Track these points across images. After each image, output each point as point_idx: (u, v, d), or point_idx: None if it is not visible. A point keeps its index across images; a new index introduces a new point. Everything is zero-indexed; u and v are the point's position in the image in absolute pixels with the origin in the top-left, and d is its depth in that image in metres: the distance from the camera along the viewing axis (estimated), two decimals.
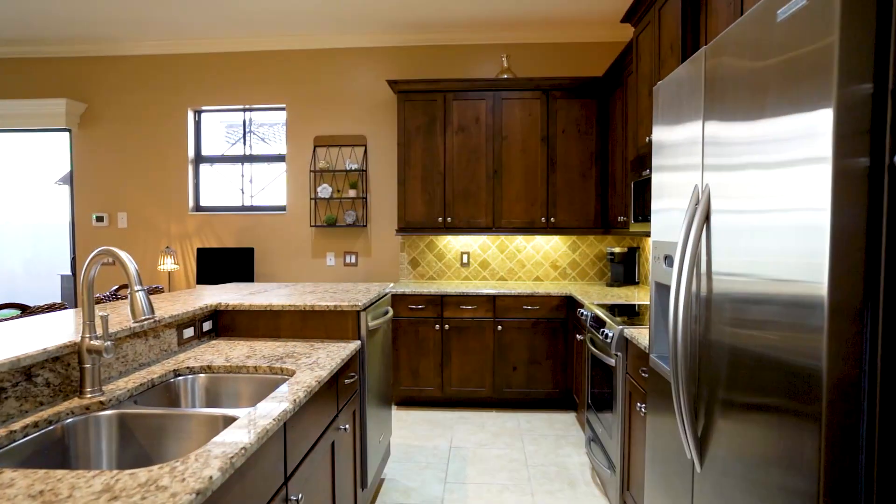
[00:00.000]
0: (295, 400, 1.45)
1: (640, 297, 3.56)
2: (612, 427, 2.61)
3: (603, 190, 4.22)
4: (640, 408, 2.18)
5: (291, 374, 1.77)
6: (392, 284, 3.52)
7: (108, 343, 1.47)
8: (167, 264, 4.61)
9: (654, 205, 1.75)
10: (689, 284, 1.37)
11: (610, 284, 4.23)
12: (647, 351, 2.07)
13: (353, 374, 2.14)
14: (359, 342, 2.20)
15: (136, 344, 1.78)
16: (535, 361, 3.99)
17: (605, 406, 2.74)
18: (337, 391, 1.93)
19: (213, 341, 2.19)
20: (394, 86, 4.24)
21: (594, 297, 3.56)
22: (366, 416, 2.33)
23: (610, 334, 2.52)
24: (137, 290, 1.42)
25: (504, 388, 4.00)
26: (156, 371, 1.76)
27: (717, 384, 1.28)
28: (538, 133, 4.22)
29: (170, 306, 2.14)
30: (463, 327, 4.00)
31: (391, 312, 2.74)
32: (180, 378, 1.79)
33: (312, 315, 2.25)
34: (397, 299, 4.02)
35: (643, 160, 2.92)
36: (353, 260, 4.74)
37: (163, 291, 3.13)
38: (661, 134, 1.71)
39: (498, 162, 4.25)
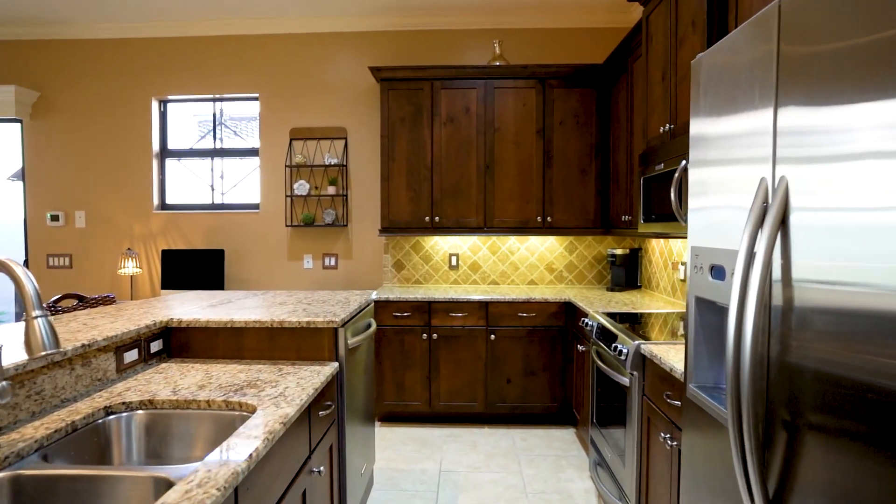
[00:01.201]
0: (252, 454, 1.11)
1: (646, 303, 3.27)
2: (623, 452, 2.32)
3: (604, 187, 3.93)
4: (665, 439, 1.88)
5: (252, 410, 1.43)
6: (375, 293, 3.19)
7: (3, 384, 1.12)
8: (129, 268, 4.20)
9: (693, 203, 1.45)
10: (762, 301, 1.06)
11: (611, 289, 3.94)
12: (670, 372, 1.78)
13: (329, 402, 1.80)
14: (336, 364, 1.86)
15: (56, 376, 1.42)
16: (531, 373, 3.68)
17: (613, 426, 2.44)
18: (309, 426, 1.60)
19: (164, 364, 1.83)
20: (377, 73, 3.90)
21: (596, 303, 3.27)
22: (345, 452, 2.00)
23: (624, 351, 2.22)
24: (36, 317, 1.07)
25: (497, 402, 3.69)
26: (81, 409, 1.40)
27: (799, 419, 0.97)
28: (533, 125, 3.92)
29: (109, 324, 1.78)
30: (452, 336, 3.68)
31: (374, 326, 2.40)
32: (113, 417, 1.44)
33: (282, 333, 1.91)
34: (381, 306, 3.69)
35: (655, 153, 2.62)
36: (333, 262, 4.39)
37: (114, 301, 2.75)
38: (704, 125, 1.40)
39: (490, 156, 3.93)
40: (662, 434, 1.90)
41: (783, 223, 1.04)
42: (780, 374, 1.05)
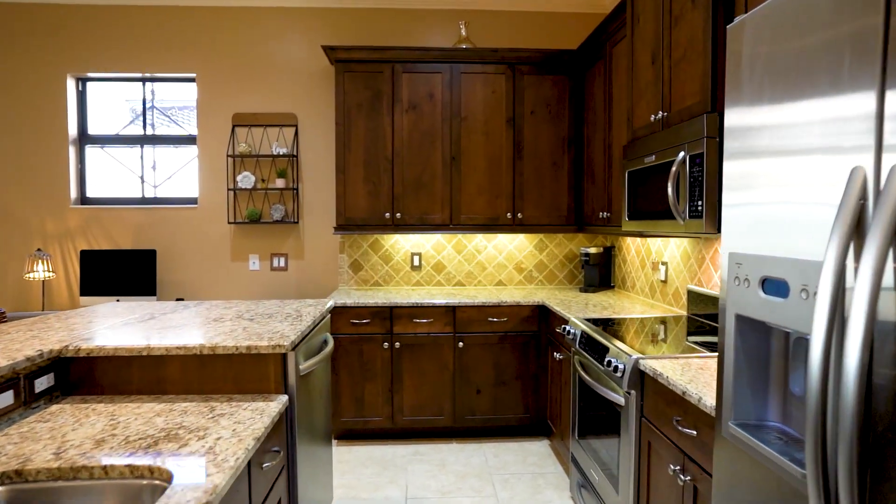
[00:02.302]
0: None
1: (625, 306, 3.05)
2: (616, 478, 2.06)
3: (577, 181, 3.68)
4: (676, 472, 1.62)
5: (168, 479, 1.06)
6: (332, 302, 2.82)
7: None
8: (39, 272, 3.64)
9: (732, 199, 1.17)
10: (869, 329, 0.79)
11: (584, 290, 3.71)
12: (683, 395, 1.52)
13: (276, 448, 1.44)
14: (285, 398, 1.50)
15: None
16: (503, 383, 3.40)
17: (600, 446, 2.18)
18: (249, 487, 1.23)
19: (55, 407, 1.42)
20: (331, 53, 3.50)
21: (573, 307, 3.02)
22: None
23: (620, 367, 1.95)
24: None
25: (466, 414, 3.39)
26: None
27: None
28: (503, 114, 3.62)
29: None
30: (417, 345, 3.35)
31: (331, 344, 2.04)
32: None
33: (216, 360, 1.53)
34: (337, 313, 3.31)
35: (644, 144, 2.37)
36: (283, 263, 3.97)
37: (4, 317, 2.27)
38: (750, 109, 1.13)
39: (456, 147, 3.61)
40: (672, 466, 1.65)
41: None
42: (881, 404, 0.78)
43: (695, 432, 1.53)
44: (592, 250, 3.64)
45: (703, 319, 2.56)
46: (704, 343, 2.10)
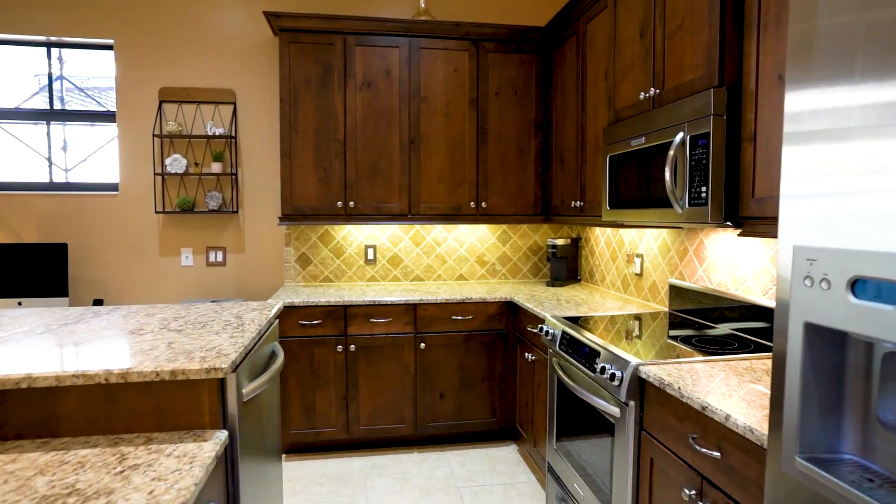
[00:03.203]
0: None
1: (599, 301, 2.85)
2: (605, 493, 1.84)
3: (545, 168, 3.46)
4: (692, 498, 1.41)
5: None
6: (279, 303, 2.46)
7: None
8: None
9: (797, 187, 0.95)
10: None
11: (551, 283, 3.50)
12: (703, 410, 1.30)
13: (213, 502, 1.11)
14: (223, 435, 1.17)
15: None
16: (468, 386, 3.15)
17: (587, 458, 1.97)
18: None
19: None
20: (275, 21, 3.10)
21: (546, 303, 2.79)
22: None
23: (618, 374, 1.72)
24: None
25: (429, 421, 3.11)
26: None
27: None
28: (466, 94, 3.34)
29: None
30: (374, 347, 3.04)
31: (281, 357, 1.70)
32: None
33: (128, 390, 1.17)
34: (284, 313, 2.95)
35: (630, 125, 2.16)
36: (220, 258, 3.54)
37: None
38: (836, 92, 0.90)
39: (415, 130, 3.30)
40: (686, 490, 1.43)
41: None
42: None
43: (718, 454, 1.31)
44: (560, 242, 3.44)
45: (687, 316, 2.39)
46: (700, 344, 1.92)
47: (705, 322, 2.27)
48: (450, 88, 3.31)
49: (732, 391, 1.42)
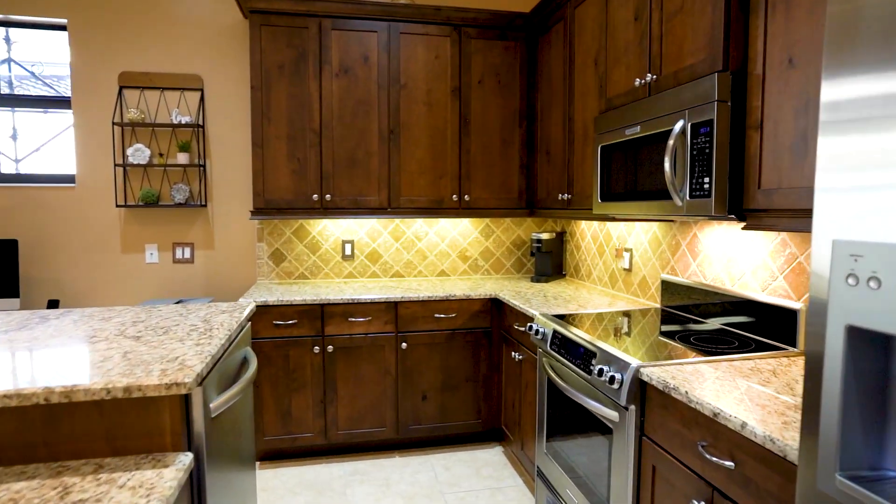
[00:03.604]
0: None
1: (587, 297, 2.76)
2: (602, 501, 1.75)
3: (529, 159, 3.35)
4: None
5: None
6: (252, 304, 2.31)
7: None
8: None
9: (837, 180, 0.85)
10: None
11: (536, 279, 3.40)
12: (714, 417, 1.20)
13: None
14: (188, 458, 1.02)
15: None
16: (452, 386, 3.03)
17: (580, 462, 1.87)
18: None
19: None
20: (245, 2, 2.91)
21: (533, 301, 2.69)
22: None
23: (617, 376, 1.62)
24: None
25: (411, 424, 2.99)
26: None
27: None
28: (447, 82, 3.20)
29: None
30: (353, 347, 2.90)
31: (254, 364, 1.54)
32: None
33: (76, 410, 1.01)
34: (257, 312, 2.78)
35: (623, 113, 2.06)
36: (188, 254, 3.34)
37: None
38: (885, 79, 0.80)
39: (395, 119, 3.15)
40: (695, 501, 1.34)
41: None
42: None
43: (732, 464, 1.22)
44: (545, 236, 3.34)
45: (681, 313, 2.31)
46: (698, 342, 1.83)
47: (701, 319, 2.19)
48: (431, 76, 3.17)
49: (742, 395, 1.33)
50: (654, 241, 2.57)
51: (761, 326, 1.88)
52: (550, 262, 3.43)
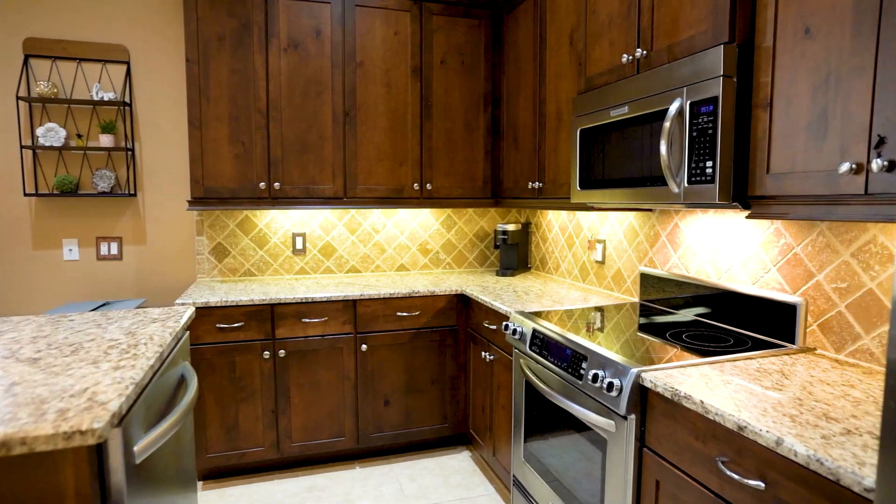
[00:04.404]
0: None
1: (558, 292, 2.61)
2: None
3: (495, 145, 3.16)
4: None
5: None
6: (191, 307, 2.02)
7: None
8: None
9: None
10: None
11: (501, 273, 3.23)
12: (740, 431, 1.05)
13: None
14: None
15: None
16: (416, 390, 2.81)
17: (565, 473, 1.71)
18: None
19: None
20: None
21: (501, 295, 2.51)
22: None
23: (616, 382, 1.45)
24: None
25: (372, 432, 2.75)
26: None
27: None
28: (407, 61, 2.96)
29: None
30: (308, 351, 2.63)
31: (194, 384, 1.27)
32: None
33: None
34: (198, 315, 2.46)
35: (607, 93, 1.89)
36: (115, 250, 2.95)
37: None
38: None
39: (350, 100, 2.88)
40: None
41: None
42: None
43: (762, 484, 1.07)
44: (511, 227, 3.17)
45: (663, 308, 2.19)
46: (690, 340, 1.70)
47: (686, 315, 2.07)
48: (390, 54, 2.92)
49: (760, 402, 1.19)
50: (629, 231, 2.44)
51: (754, 322, 1.77)
52: (516, 255, 3.27)
